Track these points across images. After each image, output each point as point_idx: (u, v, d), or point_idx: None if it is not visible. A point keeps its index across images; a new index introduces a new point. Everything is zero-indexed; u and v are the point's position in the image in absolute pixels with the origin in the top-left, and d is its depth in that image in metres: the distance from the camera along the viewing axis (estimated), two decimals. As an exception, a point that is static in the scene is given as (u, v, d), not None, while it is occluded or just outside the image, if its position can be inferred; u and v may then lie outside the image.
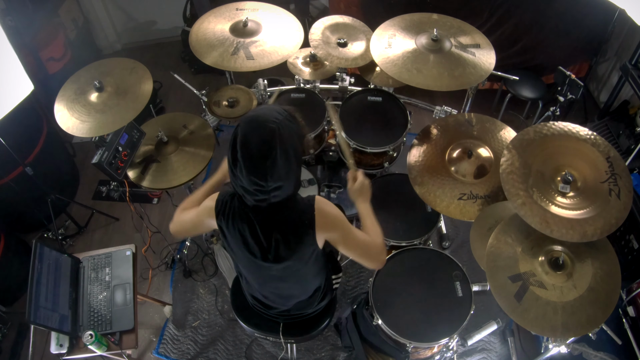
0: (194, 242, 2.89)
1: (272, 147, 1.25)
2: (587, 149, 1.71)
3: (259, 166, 1.25)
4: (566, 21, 3.03)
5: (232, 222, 1.42)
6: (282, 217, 1.39)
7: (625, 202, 1.60)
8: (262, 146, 1.24)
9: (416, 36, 2.21)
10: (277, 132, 1.25)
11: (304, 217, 1.39)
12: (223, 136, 3.40)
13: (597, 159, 1.68)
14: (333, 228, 1.43)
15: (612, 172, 1.66)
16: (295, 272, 1.54)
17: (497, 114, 3.38)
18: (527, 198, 1.62)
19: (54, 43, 3.29)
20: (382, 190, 2.37)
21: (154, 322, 2.67)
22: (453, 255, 2.03)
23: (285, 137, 1.27)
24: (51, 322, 1.88)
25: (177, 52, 4.04)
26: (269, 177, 1.27)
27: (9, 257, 2.63)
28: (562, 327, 1.53)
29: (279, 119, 1.28)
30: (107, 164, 2.02)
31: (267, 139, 1.25)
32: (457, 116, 2.30)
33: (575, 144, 1.72)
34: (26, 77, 2.14)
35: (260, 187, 1.29)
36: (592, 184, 1.65)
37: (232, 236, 1.45)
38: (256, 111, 1.33)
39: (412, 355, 1.98)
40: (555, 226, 1.56)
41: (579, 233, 1.55)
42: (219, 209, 1.44)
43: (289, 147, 1.28)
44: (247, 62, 2.27)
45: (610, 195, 1.62)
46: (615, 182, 1.64)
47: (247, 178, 1.28)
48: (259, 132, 1.25)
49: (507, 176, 1.67)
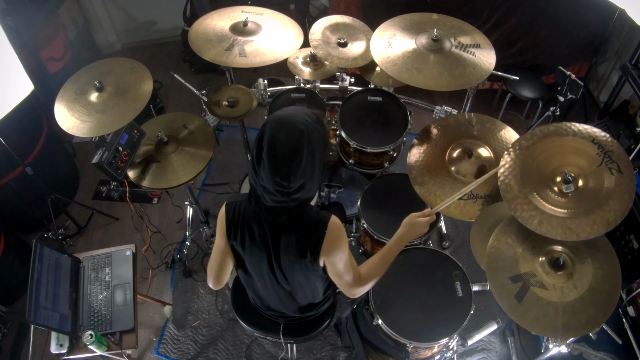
0: (194, 242, 2.89)
1: (299, 148, 1.23)
2: (572, 141, 1.70)
3: (284, 166, 1.24)
4: (566, 21, 3.03)
5: (242, 222, 1.41)
6: (293, 226, 1.37)
7: (628, 173, 1.59)
8: (289, 146, 1.23)
9: (416, 36, 2.21)
10: (305, 133, 1.24)
11: (314, 233, 1.38)
12: (223, 136, 3.40)
13: (584, 146, 1.68)
14: (336, 251, 1.41)
15: (603, 152, 1.65)
16: (297, 280, 1.54)
17: (497, 114, 3.38)
18: (539, 214, 1.59)
19: (54, 43, 3.29)
20: (382, 190, 2.37)
21: (154, 322, 2.67)
22: (453, 255, 2.03)
23: (313, 139, 1.26)
24: (51, 322, 1.88)
25: (177, 52, 4.04)
26: (292, 178, 1.25)
27: (9, 257, 2.63)
28: (562, 327, 1.53)
29: (308, 121, 1.27)
30: (107, 164, 2.02)
31: (294, 139, 1.23)
32: (457, 116, 2.30)
33: (561, 141, 1.71)
34: (26, 77, 2.14)
35: (282, 188, 1.27)
36: (592, 173, 1.64)
37: (241, 239, 1.44)
38: (285, 111, 1.31)
39: (412, 355, 1.98)
40: (580, 230, 1.54)
41: (604, 225, 1.53)
42: (229, 211, 1.43)
43: (315, 150, 1.27)
44: (238, 58, 2.27)
45: (613, 174, 1.60)
46: (610, 159, 1.63)
47: (270, 177, 1.26)
48: (287, 131, 1.24)
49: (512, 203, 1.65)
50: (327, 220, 1.38)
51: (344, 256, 1.43)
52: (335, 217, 1.41)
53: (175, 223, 3.05)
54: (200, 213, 2.79)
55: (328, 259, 1.43)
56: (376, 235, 2.20)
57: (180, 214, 3.05)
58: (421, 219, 1.58)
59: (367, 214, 2.27)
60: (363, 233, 2.41)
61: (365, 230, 2.28)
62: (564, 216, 1.57)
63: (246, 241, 1.43)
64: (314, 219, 1.39)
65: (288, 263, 1.44)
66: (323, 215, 1.40)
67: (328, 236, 1.37)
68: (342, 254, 1.42)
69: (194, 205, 2.75)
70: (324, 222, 1.38)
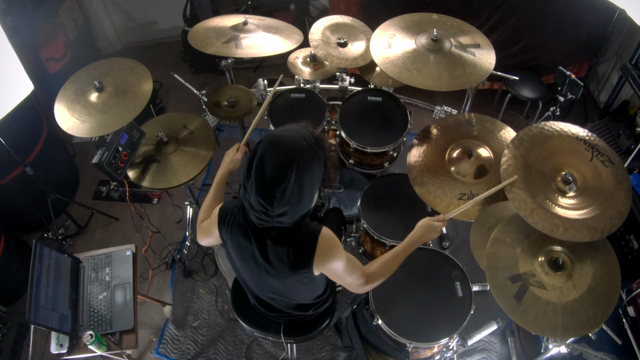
0: (194, 242, 2.89)
1: (286, 175, 1.20)
2: (559, 141, 1.72)
3: (269, 190, 1.21)
4: (566, 21, 3.03)
5: (232, 233, 1.40)
6: (280, 240, 1.34)
7: (617, 162, 1.64)
8: (276, 172, 1.20)
9: (416, 36, 2.21)
10: (296, 161, 1.20)
11: (304, 246, 1.34)
12: (223, 136, 3.40)
13: (572, 144, 1.70)
14: (331, 261, 1.38)
15: (590, 146, 1.68)
16: (295, 285, 1.52)
17: (497, 114, 3.38)
18: (562, 222, 1.59)
19: (54, 43, 3.29)
20: (382, 190, 2.37)
21: (154, 322, 2.67)
22: (453, 255, 2.03)
23: (304, 167, 1.22)
24: (51, 322, 1.88)
25: (177, 52, 4.04)
26: (275, 204, 1.22)
27: (9, 257, 2.63)
28: (562, 327, 1.53)
29: (303, 146, 1.23)
30: (107, 164, 2.02)
31: (283, 167, 1.19)
32: (457, 116, 2.30)
33: (551, 142, 1.73)
34: (26, 77, 2.14)
35: (265, 210, 1.25)
36: (588, 169, 1.67)
37: (232, 246, 1.44)
38: (283, 132, 1.27)
39: (412, 355, 1.98)
40: (602, 226, 1.56)
41: (619, 216, 1.56)
42: (221, 217, 1.43)
43: (305, 178, 1.23)
44: (234, 49, 2.29)
45: (606, 166, 1.64)
46: (599, 152, 1.66)
47: (255, 196, 1.24)
48: (276, 156, 1.20)
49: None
50: (317, 234, 1.34)
51: (340, 263, 1.40)
52: (327, 229, 1.37)
53: (175, 223, 3.05)
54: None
55: (325, 269, 1.41)
56: (376, 236, 2.20)
57: (180, 214, 3.05)
58: (436, 223, 1.58)
59: (367, 214, 2.27)
60: (363, 233, 2.41)
61: (365, 230, 2.28)
62: (584, 217, 1.59)
63: (236, 250, 1.43)
64: (303, 232, 1.35)
65: (281, 274, 1.42)
66: (313, 228, 1.36)
67: (319, 249, 1.34)
68: (337, 262, 1.39)
69: (194, 205, 2.75)
70: (314, 236, 1.34)
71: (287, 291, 1.58)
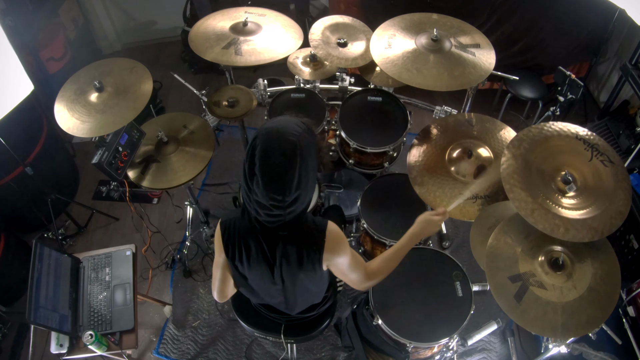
0: (194, 242, 2.89)
1: (293, 161, 1.21)
2: (561, 140, 1.71)
3: (279, 180, 1.21)
4: (566, 21, 3.03)
5: (239, 240, 1.40)
6: (290, 238, 1.36)
7: (617, 161, 1.63)
8: (283, 160, 1.21)
9: (416, 36, 2.21)
10: (297, 145, 1.21)
11: (313, 242, 1.36)
12: (223, 136, 3.40)
13: (571, 144, 1.70)
14: (338, 256, 1.41)
15: (589, 145, 1.67)
16: (301, 287, 1.53)
17: (497, 114, 3.38)
18: (562, 222, 1.59)
19: (54, 43, 3.29)
20: (382, 190, 2.37)
21: (154, 322, 2.67)
22: (453, 255, 2.03)
23: (305, 150, 1.23)
24: (51, 322, 1.88)
25: (177, 52, 4.04)
26: (287, 192, 1.23)
27: (9, 257, 2.63)
28: (562, 327, 1.53)
29: (299, 131, 1.24)
30: (107, 164, 2.02)
31: (288, 152, 1.21)
32: (457, 116, 2.30)
33: (555, 142, 1.72)
34: (26, 77, 2.14)
35: (277, 202, 1.24)
36: (588, 169, 1.66)
37: (240, 254, 1.43)
38: (275, 123, 1.28)
39: (412, 355, 1.98)
40: (602, 226, 1.56)
41: (619, 216, 1.55)
42: (224, 230, 1.41)
43: (308, 160, 1.25)
44: (234, 57, 2.28)
45: (606, 165, 1.63)
46: (598, 151, 1.66)
47: (264, 193, 1.23)
48: (279, 144, 1.21)
49: (509, 177, 1.67)
50: (325, 228, 1.37)
51: (346, 258, 1.42)
52: (332, 222, 1.40)
53: (175, 223, 3.05)
54: (200, 213, 2.79)
55: (331, 264, 1.43)
56: (376, 236, 2.20)
57: (180, 214, 3.05)
58: (435, 217, 1.59)
59: (367, 214, 2.27)
60: (363, 233, 2.41)
61: (365, 230, 2.28)
62: (584, 217, 1.58)
63: (244, 258, 1.42)
64: (310, 228, 1.37)
65: (291, 274, 1.43)
66: (319, 223, 1.38)
67: (327, 244, 1.36)
68: (344, 257, 1.42)
69: (194, 205, 2.75)
70: (322, 231, 1.37)
71: (297, 291, 1.57)
